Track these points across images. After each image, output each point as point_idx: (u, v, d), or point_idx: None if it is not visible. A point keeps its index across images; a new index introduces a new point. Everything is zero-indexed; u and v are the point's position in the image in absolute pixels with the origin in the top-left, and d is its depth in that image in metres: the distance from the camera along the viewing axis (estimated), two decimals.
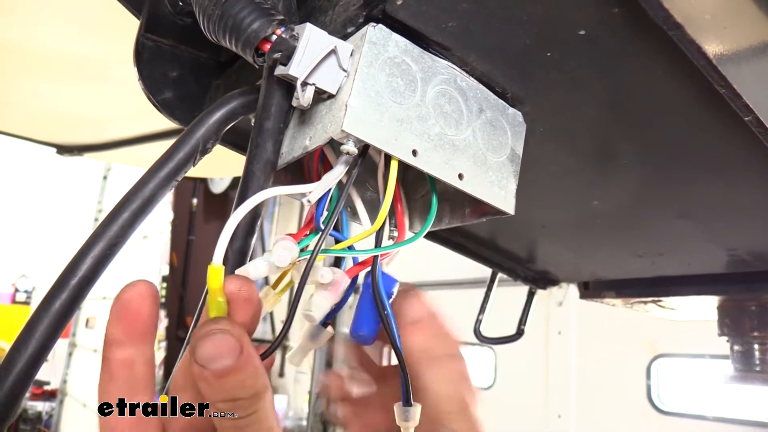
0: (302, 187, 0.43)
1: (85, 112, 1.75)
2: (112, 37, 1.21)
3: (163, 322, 5.55)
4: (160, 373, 5.41)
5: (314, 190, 0.43)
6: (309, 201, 0.43)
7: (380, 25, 0.41)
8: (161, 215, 5.66)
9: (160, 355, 5.50)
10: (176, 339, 5.54)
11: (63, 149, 2.03)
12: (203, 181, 5.70)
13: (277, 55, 0.40)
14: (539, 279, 1.02)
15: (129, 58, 0.63)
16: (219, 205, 5.91)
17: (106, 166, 7.76)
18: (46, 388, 8.22)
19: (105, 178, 8.36)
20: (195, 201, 5.86)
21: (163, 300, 5.59)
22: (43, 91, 1.61)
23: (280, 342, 0.40)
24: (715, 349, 2.40)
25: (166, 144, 1.49)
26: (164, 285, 5.63)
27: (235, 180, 5.60)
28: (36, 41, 1.33)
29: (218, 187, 5.81)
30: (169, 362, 5.41)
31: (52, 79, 1.54)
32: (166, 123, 0.66)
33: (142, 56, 0.62)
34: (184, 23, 0.63)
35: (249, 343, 0.34)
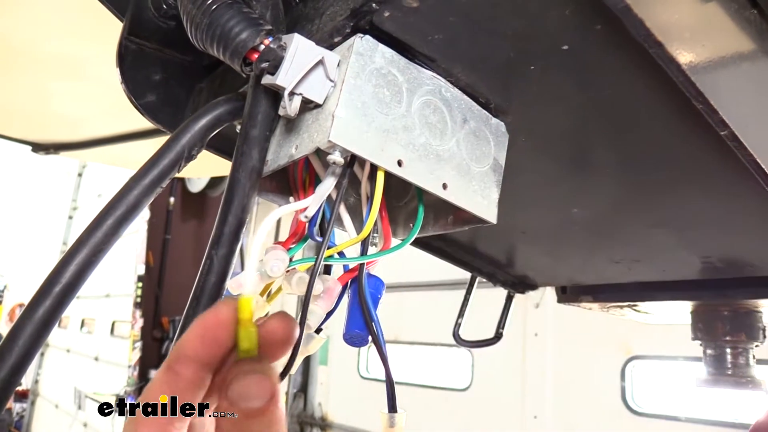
0: (298, 204, 0.44)
1: (62, 110, 1.73)
2: (90, 35, 1.20)
3: (138, 322, 5.49)
4: (134, 373, 5.36)
5: (309, 206, 0.43)
6: (306, 217, 0.44)
7: (367, 36, 0.42)
8: None
9: (135, 355, 5.45)
10: (152, 339, 5.49)
11: (38, 147, 2.01)
12: (180, 180, 5.65)
13: (264, 65, 0.40)
14: (518, 283, 1.03)
15: (107, 56, 0.63)
16: (196, 204, 5.86)
17: (82, 163, 7.68)
18: (18, 388, 8.10)
19: (80, 175, 8.26)
20: (172, 200, 5.81)
21: (138, 300, 5.53)
22: (18, 89, 1.59)
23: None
24: (688, 351, 2.44)
25: (143, 143, 1.47)
26: (140, 285, 5.57)
27: (213, 179, 5.58)
28: (12, 39, 1.32)
29: (196, 186, 5.76)
30: (144, 363, 5.36)
31: (28, 77, 1.52)
32: (143, 122, 0.65)
33: (126, 59, 0.62)
34: (168, 26, 0.62)
35: (279, 389, 0.34)
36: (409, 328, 3.88)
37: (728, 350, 1.04)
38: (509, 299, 1.12)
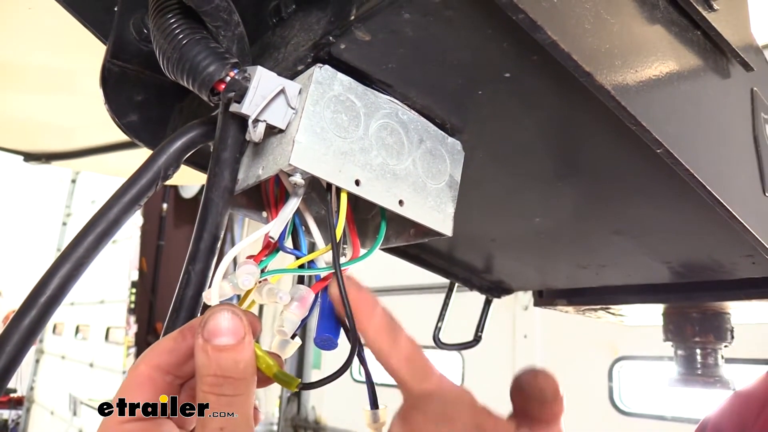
0: (264, 228, 0.47)
1: (53, 120, 1.76)
2: (80, 49, 1.23)
3: (133, 328, 5.51)
4: None
5: (273, 228, 0.47)
6: (273, 238, 0.47)
7: (326, 66, 0.45)
8: (131, 220, 5.61)
9: (129, 361, 5.46)
10: (146, 345, 5.49)
11: (30, 157, 2.03)
12: (173, 187, 5.68)
13: (231, 95, 0.44)
14: (494, 288, 1.07)
15: (96, 69, 0.66)
16: (189, 210, 5.88)
17: (75, 170, 7.67)
18: (13, 395, 8.09)
19: (73, 181, 8.26)
20: (165, 206, 5.83)
21: (132, 306, 5.54)
22: (10, 100, 1.62)
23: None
24: (672, 351, 2.48)
25: (132, 153, 1.51)
26: (133, 291, 5.59)
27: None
28: (4, 53, 1.35)
29: (188, 192, 5.78)
30: None
31: (20, 89, 1.55)
32: None
33: (108, 81, 0.65)
34: (149, 49, 0.66)
35: (251, 337, 0.39)
36: None
37: (698, 351, 1.08)
38: (487, 303, 1.16)
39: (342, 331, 0.53)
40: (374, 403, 0.51)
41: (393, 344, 0.46)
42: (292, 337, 0.56)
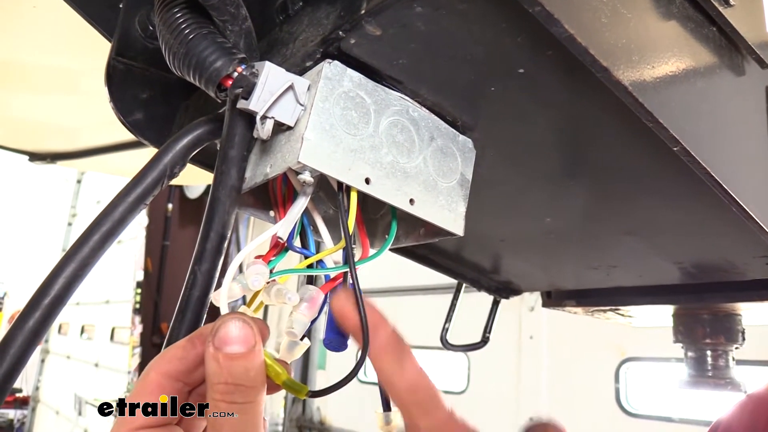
0: (273, 229, 0.46)
1: (58, 120, 1.76)
2: (85, 49, 1.22)
3: (138, 329, 5.51)
4: (134, 379, 5.37)
5: (281, 228, 0.46)
6: (281, 237, 0.46)
7: (335, 62, 0.44)
8: (136, 220, 5.61)
9: (134, 361, 5.47)
10: (151, 345, 5.51)
11: (35, 157, 2.03)
12: (178, 187, 5.68)
13: (238, 91, 0.43)
14: (502, 289, 1.06)
15: (101, 69, 0.65)
16: (194, 210, 5.88)
17: (80, 170, 7.69)
18: (18, 395, 8.11)
19: (79, 182, 8.29)
20: (170, 206, 5.83)
21: (137, 306, 5.55)
22: (15, 100, 1.62)
23: None
24: (680, 353, 2.46)
25: (138, 153, 1.50)
26: (139, 291, 5.59)
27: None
28: (9, 53, 1.34)
29: (193, 193, 5.78)
30: (143, 369, 5.37)
31: (24, 89, 1.55)
32: None
33: (114, 79, 0.64)
34: (154, 46, 0.65)
35: (261, 345, 0.39)
36: (405, 332, 3.89)
37: (708, 353, 1.07)
38: (495, 304, 1.15)
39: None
40: (387, 405, 0.50)
41: (398, 367, 0.45)
42: (302, 338, 0.55)
